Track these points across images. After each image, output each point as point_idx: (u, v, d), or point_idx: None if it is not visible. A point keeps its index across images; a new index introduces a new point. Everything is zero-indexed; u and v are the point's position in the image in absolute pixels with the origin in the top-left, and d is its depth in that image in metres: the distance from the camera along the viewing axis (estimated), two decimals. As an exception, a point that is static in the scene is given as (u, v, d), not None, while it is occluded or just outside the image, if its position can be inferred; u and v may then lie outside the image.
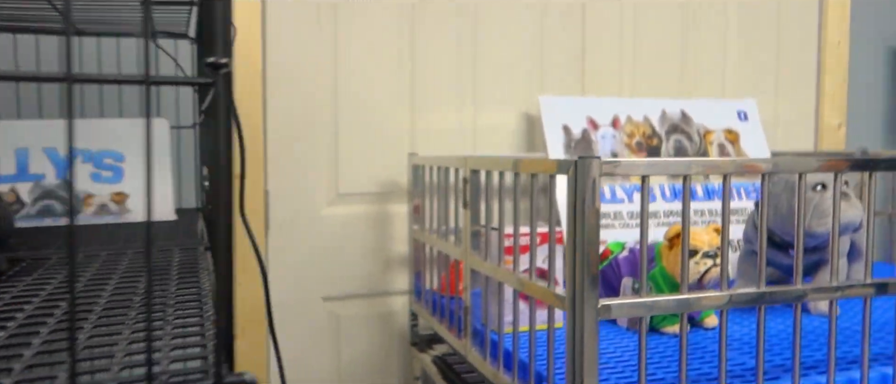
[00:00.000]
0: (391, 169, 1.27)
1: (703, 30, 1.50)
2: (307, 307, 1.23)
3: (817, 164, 0.71)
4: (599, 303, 0.62)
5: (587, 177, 0.61)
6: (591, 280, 0.62)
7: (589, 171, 0.61)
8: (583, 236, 0.62)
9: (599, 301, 0.63)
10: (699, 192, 1.34)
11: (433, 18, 1.28)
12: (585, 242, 0.62)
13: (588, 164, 0.61)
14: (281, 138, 1.19)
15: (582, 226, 0.62)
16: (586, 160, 0.61)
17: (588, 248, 0.62)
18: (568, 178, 0.63)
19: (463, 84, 1.31)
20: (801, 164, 0.70)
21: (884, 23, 1.68)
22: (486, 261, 0.85)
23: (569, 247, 0.63)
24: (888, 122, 1.71)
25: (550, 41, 1.37)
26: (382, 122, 1.26)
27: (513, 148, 1.36)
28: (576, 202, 0.62)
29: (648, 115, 1.38)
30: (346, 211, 1.25)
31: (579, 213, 0.62)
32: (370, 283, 1.26)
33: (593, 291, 0.62)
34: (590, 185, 0.61)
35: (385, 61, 1.25)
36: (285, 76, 1.19)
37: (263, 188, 1.17)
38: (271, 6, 1.17)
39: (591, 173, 0.61)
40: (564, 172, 0.64)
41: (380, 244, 1.27)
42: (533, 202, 0.73)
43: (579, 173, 0.62)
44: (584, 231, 0.62)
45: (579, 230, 0.62)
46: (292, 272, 1.21)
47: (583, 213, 0.61)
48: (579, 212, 0.62)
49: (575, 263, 0.62)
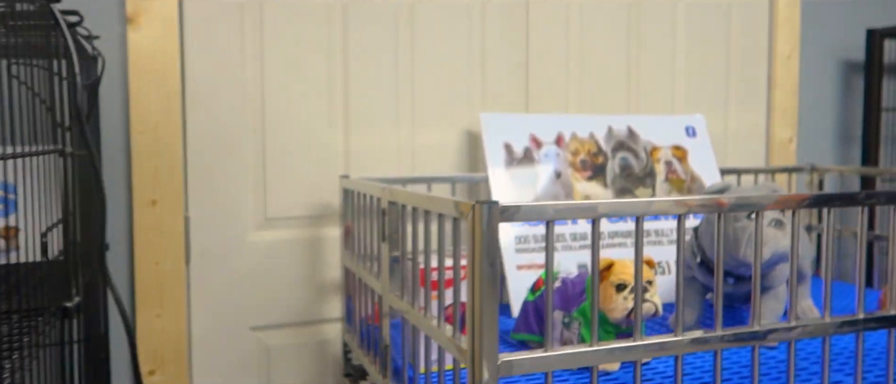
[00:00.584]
0: (323, 191, 1.21)
1: (650, 44, 1.47)
2: (234, 337, 1.16)
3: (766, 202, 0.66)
4: (499, 360, 0.58)
5: (485, 222, 0.56)
6: (491, 335, 0.57)
7: (486, 217, 0.56)
8: (482, 287, 0.57)
9: (499, 357, 0.58)
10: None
11: (368, 32, 1.23)
12: (484, 294, 0.57)
13: (484, 209, 0.56)
14: (203, 161, 1.13)
15: (481, 274, 0.57)
16: (483, 205, 0.56)
17: (487, 300, 0.57)
18: (466, 223, 0.58)
19: (400, 100, 1.26)
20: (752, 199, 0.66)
21: (834, 35, 1.66)
22: (402, 298, 0.80)
23: (468, 296, 0.59)
24: (839, 136, 1.69)
25: (493, 56, 1.33)
26: (314, 141, 1.20)
27: (455, 167, 1.31)
28: (474, 248, 0.57)
29: (594, 131, 1.34)
30: (275, 236, 1.19)
31: (478, 261, 0.57)
32: (302, 311, 1.21)
33: (492, 347, 0.57)
34: (488, 231, 0.56)
35: (316, 77, 1.20)
36: (206, 93, 1.13)
37: (184, 214, 1.11)
38: (190, 18, 1.11)
39: (489, 218, 0.56)
40: (462, 216, 0.59)
41: (312, 270, 1.21)
42: (441, 243, 0.69)
43: (476, 218, 0.57)
44: (482, 281, 0.57)
45: (478, 280, 0.57)
46: (217, 302, 1.15)
47: (481, 261, 0.57)
48: (478, 259, 0.57)
49: (474, 315, 0.58)
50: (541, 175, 1.27)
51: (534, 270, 1.19)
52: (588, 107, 1.43)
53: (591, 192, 1.30)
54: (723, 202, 0.65)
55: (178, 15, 1.10)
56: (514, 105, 1.36)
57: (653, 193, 1.35)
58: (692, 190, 1.39)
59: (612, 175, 1.32)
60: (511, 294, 1.14)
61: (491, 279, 0.56)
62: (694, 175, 1.38)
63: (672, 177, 1.36)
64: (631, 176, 1.34)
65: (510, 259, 1.18)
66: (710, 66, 1.53)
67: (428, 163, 1.29)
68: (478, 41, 1.31)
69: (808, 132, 1.66)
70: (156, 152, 1.08)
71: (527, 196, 1.24)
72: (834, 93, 1.68)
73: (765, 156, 1.61)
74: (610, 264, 0.86)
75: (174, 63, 1.08)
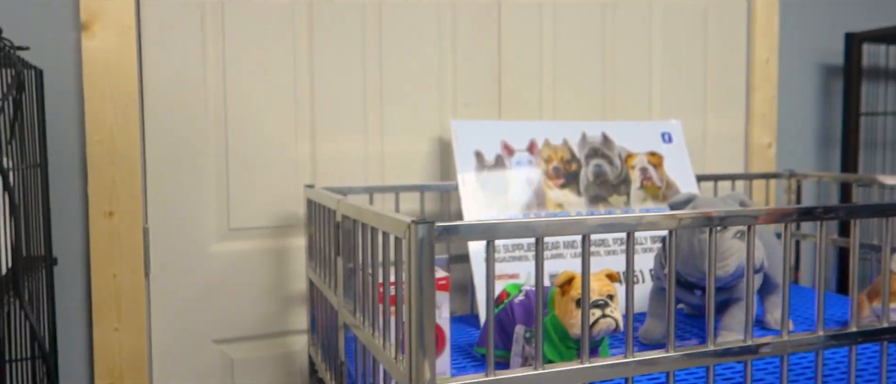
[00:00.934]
0: (289, 200, 1.19)
1: (626, 48, 1.45)
2: (197, 351, 1.14)
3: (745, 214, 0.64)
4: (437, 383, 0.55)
5: (419, 243, 0.54)
6: (428, 357, 0.55)
7: (422, 237, 0.54)
8: (420, 308, 0.55)
9: (437, 379, 0.56)
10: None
11: (335, 38, 1.20)
12: (421, 316, 0.55)
13: (420, 230, 0.54)
14: (162, 170, 1.10)
15: (418, 296, 0.55)
16: (418, 225, 0.54)
17: (425, 322, 0.55)
18: (404, 243, 0.56)
19: (369, 107, 1.24)
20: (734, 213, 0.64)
21: (813, 39, 1.65)
22: (354, 314, 0.77)
23: (406, 320, 0.56)
24: (819, 140, 1.68)
25: (464, 62, 1.30)
26: (279, 150, 1.17)
27: (426, 176, 1.29)
28: (410, 269, 0.55)
29: (568, 138, 1.32)
30: (238, 247, 1.16)
31: (414, 282, 0.55)
32: (266, 323, 1.18)
33: (430, 371, 0.55)
34: (423, 252, 0.54)
35: (281, 84, 1.17)
36: (166, 101, 1.10)
37: (142, 225, 1.08)
38: (148, 25, 1.08)
39: (424, 238, 0.54)
40: (401, 235, 0.57)
41: (277, 280, 1.18)
42: (386, 260, 0.66)
43: (412, 238, 0.54)
44: (420, 302, 0.55)
45: (415, 301, 0.55)
46: (179, 314, 1.12)
47: (419, 282, 0.54)
48: (414, 280, 0.55)
49: (411, 338, 0.55)
50: (512, 183, 1.25)
51: (504, 280, 1.17)
52: (562, 113, 1.41)
53: (564, 200, 1.28)
54: (711, 214, 0.63)
55: (136, 21, 1.07)
56: (486, 112, 1.34)
57: (627, 201, 1.33)
58: (667, 197, 1.37)
59: (586, 182, 1.30)
60: (480, 305, 1.12)
61: (427, 301, 0.54)
62: (669, 181, 1.36)
63: (647, 184, 1.34)
64: (605, 183, 1.32)
65: (479, 268, 1.16)
66: (688, 70, 1.51)
67: (399, 171, 1.27)
68: (449, 47, 1.29)
69: (787, 137, 1.64)
70: (112, 162, 1.05)
71: (498, 204, 1.21)
72: (813, 97, 1.66)
73: (744, 161, 1.59)
74: (570, 278, 0.84)
75: (132, 70, 1.06)
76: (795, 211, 0.66)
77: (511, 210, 1.23)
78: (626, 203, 1.32)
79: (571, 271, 0.84)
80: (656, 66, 1.48)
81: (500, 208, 1.22)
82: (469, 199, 1.20)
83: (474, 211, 1.20)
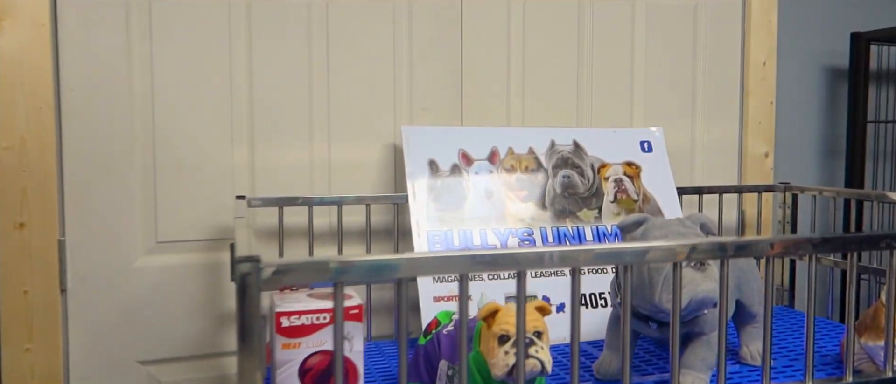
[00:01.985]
0: (223, 211, 1.10)
1: (605, 49, 1.34)
2: (120, 372, 1.06)
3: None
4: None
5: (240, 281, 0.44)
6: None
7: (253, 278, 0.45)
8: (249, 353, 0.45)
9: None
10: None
11: (276, 37, 1.12)
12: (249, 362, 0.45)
13: (242, 269, 0.44)
14: (81, 179, 1.03)
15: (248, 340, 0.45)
16: (241, 263, 0.44)
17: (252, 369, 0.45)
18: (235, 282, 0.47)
19: (315, 112, 1.15)
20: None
21: (815, 40, 1.51)
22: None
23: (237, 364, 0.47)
24: (821, 150, 1.54)
25: (422, 64, 1.21)
26: (212, 158, 1.09)
27: (377, 186, 1.20)
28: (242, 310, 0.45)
29: (535, 147, 1.21)
30: (166, 261, 1.08)
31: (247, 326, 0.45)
32: (198, 343, 1.10)
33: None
34: (247, 298, 0.45)
35: (215, 85, 1.09)
36: (86, 104, 1.02)
37: (58, 238, 1.01)
38: (65, 21, 1.00)
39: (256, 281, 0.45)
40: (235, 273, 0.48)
41: (210, 297, 1.10)
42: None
43: (237, 278, 0.45)
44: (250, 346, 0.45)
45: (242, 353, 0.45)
46: (100, 333, 1.05)
47: (242, 329, 0.45)
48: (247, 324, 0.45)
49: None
50: (469, 195, 1.14)
51: (453, 302, 1.07)
52: (532, 120, 1.30)
53: (526, 214, 1.17)
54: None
55: (51, 17, 1.00)
56: (447, 118, 1.24)
57: (598, 215, 1.22)
58: (643, 210, 1.25)
59: (553, 195, 1.19)
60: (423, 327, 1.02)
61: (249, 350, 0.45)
62: (647, 195, 1.25)
63: (622, 197, 1.23)
64: (574, 196, 1.21)
65: (427, 290, 1.06)
66: (675, 73, 1.39)
67: (348, 181, 1.18)
68: (404, 47, 1.19)
69: (786, 146, 1.51)
70: (24, 170, 0.98)
71: (451, 219, 1.11)
72: (815, 103, 1.52)
73: (738, 172, 1.46)
74: (494, 310, 0.74)
75: (46, 71, 0.98)
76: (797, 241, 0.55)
77: (466, 225, 1.13)
78: (597, 218, 1.21)
79: (495, 303, 0.74)
80: (639, 68, 1.37)
81: (455, 223, 1.12)
82: (419, 213, 1.10)
83: (425, 225, 1.10)
